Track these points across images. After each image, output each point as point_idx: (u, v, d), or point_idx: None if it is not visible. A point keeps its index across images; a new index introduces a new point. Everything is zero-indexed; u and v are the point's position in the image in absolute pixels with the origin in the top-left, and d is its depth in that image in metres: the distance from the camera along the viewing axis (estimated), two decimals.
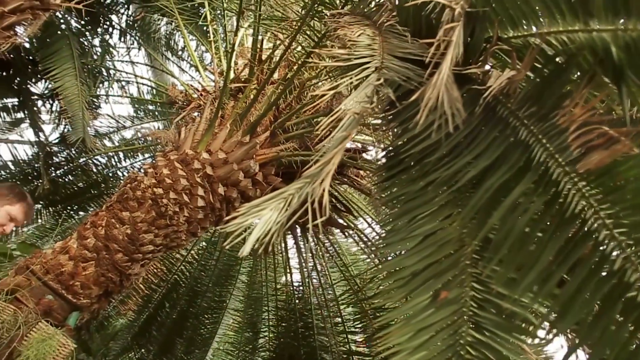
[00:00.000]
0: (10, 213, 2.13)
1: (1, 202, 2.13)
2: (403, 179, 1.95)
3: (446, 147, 1.68)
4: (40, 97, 5.73)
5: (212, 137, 3.91)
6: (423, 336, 1.51)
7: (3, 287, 3.16)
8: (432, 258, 1.68)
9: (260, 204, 1.39)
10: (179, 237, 3.65)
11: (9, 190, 2.17)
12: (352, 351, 5.07)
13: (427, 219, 1.77)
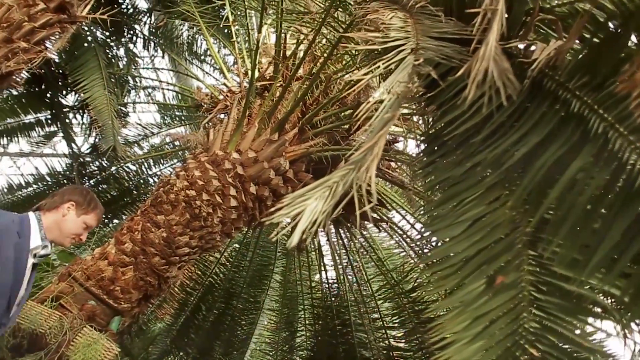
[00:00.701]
0: (86, 222, 2.11)
1: (78, 211, 2.09)
2: (446, 163, 1.88)
3: (491, 126, 1.60)
4: (72, 109, 5.85)
5: (241, 136, 3.90)
6: (480, 324, 1.43)
7: (48, 294, 3.22)
8: (483, 243, 1.60)
9: (304, 194, 1.35)
10: (213, 238, 3.65)
11: (83, 198, 2.12)
12: (391, 346, 4.98)
13: (475, 202, 1.69)
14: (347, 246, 5.08)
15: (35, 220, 1.99)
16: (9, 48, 4.09)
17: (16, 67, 4.14)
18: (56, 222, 2.05)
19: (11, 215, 1.99)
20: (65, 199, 2.11)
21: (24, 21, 4.09)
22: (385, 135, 1.35)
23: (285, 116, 3.94)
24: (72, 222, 2.09)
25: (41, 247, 1.99)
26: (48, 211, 2.07)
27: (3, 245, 1.84)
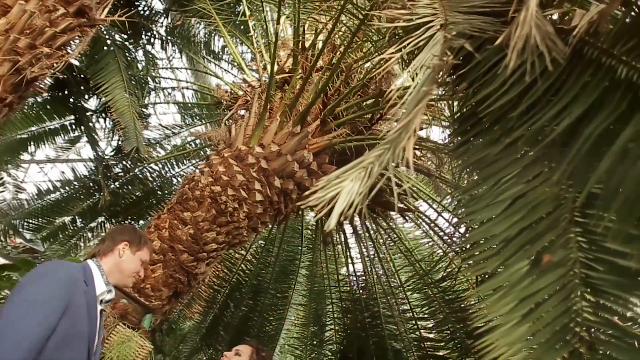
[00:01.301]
0: (142, 258, 2.12)
1: (132, 249, 2.09)
2: (481, 142, 1.81)
3: (529, 100, 1.53)
4: (94, 113, 5.92)
5: (263, 130, 3.87)
6: (526, 306, 1.37)
7: None
8: (526, 221, 1.53)
9: (340, 176, 1.30)
10: (240, 233, 3.65)
11: (133, 235, 2.13)
12: (422, 337, 4.92)
13: (514, 180, 1.63)
14: (373, 238, 5.02)
15: (95, 266, 1.98)
16: (33, 54, 4.15)
17: (40, 73, 4.19)
18: (116, 264, 2.04)
19: (73, 265, 1.96)
20: (118, 240, 2.10)
21: (45, 27, 4.13)
22: (422, 111, 1.29)
23: (307, 108, 3.90)
24: (130, 261, 2.09)
25: (106, 292, 1.98)
26: (104, 256, 2.06)
27: (76, 294, 1.81)
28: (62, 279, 1.79)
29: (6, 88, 4.12)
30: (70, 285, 1.80)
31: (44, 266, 1.99)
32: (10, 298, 1.74)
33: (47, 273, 1.83)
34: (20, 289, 1.76)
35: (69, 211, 6.46)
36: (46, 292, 1.72)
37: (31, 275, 1.84)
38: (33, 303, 1.69)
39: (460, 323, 4.45)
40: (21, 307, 1.68)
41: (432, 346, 4.85)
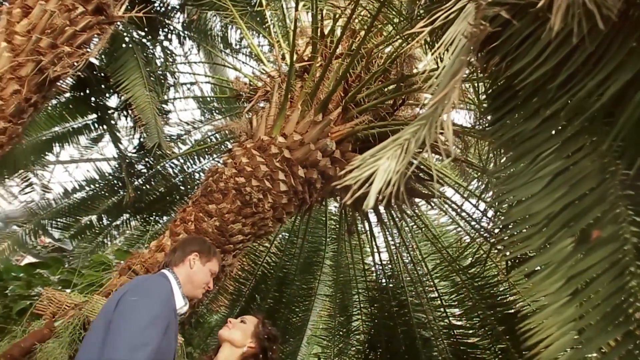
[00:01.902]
0: (211, 269, 2.09)
1: (202, 260, 2.06)
2: (516, 117, 1.74)
3: (569, 69, 1.46)
4: (116, 110, 5.97)
5: (285, 120, 3.84)
6: (576, 284, 1.31)
7: (112, 288, 3.28)
8: (569, 197, 1.46)
9: (376, 154, 1.26)
10: (266, 224, 3.63)
11: (202, 246, 2.11)
12: (452, 325, 4.85)
13: (553, 155, 1.56)
14: (399, 225, 4.96)
15: (173, 278, 1.97)
16: (55, 53, 4.19)
17: (62, 72, 4.23)
18: (187, 276, 2.02)
19: (160, 280, 1.92)
20: (188, 251, 2.07)
21: (65, 25, 4.16)
22: (460, 82, 1.23)
23: (328, 96, 3.85)
24: (201, 272, 2.06)
25: (183, 305, 1.98)
26: (176, 266, 2.03)
27: (172, 314, 1.82)
28: (164, 300, 1.79)
29: (30, 88, 4.18)
30: (170, 306, 1.81)
31: (147, 282, 1.94)
32: (120, 316, 1.70)
33: (153, 290, 1.82)
34: (132, 305, 1.73)
35: (94, 209, 6.56)
36: (157, 310, 1.73)
37: (138, 290, 1.80)
38: (150, 317, 1.70)
39: (490, 309, 4.37)
40: (138, 322, 1.67)
41: (462, 334, 4.78)
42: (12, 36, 4.11)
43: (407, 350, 5.13)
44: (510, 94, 1.70)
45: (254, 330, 2.04)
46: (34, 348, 2.86)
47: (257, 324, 2.07)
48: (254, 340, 2.01)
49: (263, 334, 2.03)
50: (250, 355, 1.99)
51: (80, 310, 3.15)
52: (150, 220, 6.66)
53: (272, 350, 2.03)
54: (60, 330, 2.99)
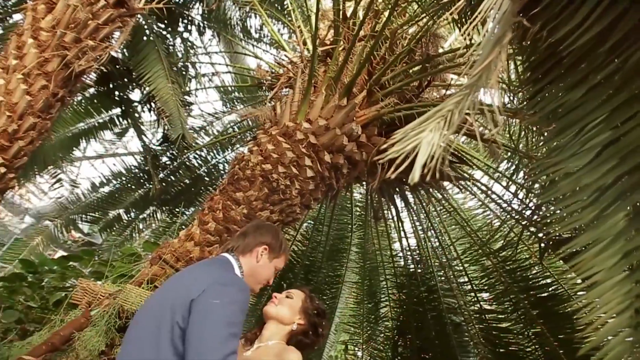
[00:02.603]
0: (277, 266, 1.95)
1: (270, 255, 1.91)
2: (559, 87, 1.66)
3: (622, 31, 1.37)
4: (139, 103, 6.01)
5: (309, 105, 3.79)
6: (635, 258, 1.24)
7: (143, 278, 3.31)
8: (620, 169, 1.39)
9: (417, 126, 1.21)
10: (293, 211, 3.61)
11: (276, 240, 1.95)
12: (484, 310, 4.77)
13: (602, 126, 1.48)
14: (426, 210, 4.88)
15: (237, 266, 1.85)
16: (79, 47, 4.23)
17: (87, 66, 4.27)
18: (251, 269, 1.88)
19: (238, 280, 1.79)
20: (259, 242, 1.93)
21: (88, 19, 4.19)
22: (506, 48, 1.17)
23: (352, 79, 3.79)
24: (266, 268, 1.92)
25: None
26: (242, 254, 1.91)
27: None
28: (245, 301, 1.70)
29: (57, 83, 4.23)
30: (246, 305, 1.72)
31: (229, 279, 1.78)
32: (202, 318, 1.59)
33: (236, 293, 1.69)
34: (212, 307, 1.61)
35: (122, 202, 6.66)
36: (236, 316, 1.62)
37: (219, 293, 1.66)
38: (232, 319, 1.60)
39: (523, 293, 4.28)
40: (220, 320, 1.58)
41: (494, 318, 4.70)
42: (37, 32, 4.15)
43: (438, 336, 5.08)
44: (551, 63, 1.62)
45: (302, 306, 1.92)
46: (73, 336, 2.92)
47: (305, 298, 1.95)
48: (303, 317, 1.90)
49: (312, 309, 1.92)
50: (300, 333, 1.88)
51: (115, 299, 3.20)
52: (177, 212, 6.72)
53: (322, 326, 1.93)
54: (97, 319, 3.04)
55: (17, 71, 4.04)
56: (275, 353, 1.76)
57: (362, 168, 4.08)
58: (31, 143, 4.22)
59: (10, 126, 3.96)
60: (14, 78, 4.02)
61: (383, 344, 5.77)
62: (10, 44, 4.25)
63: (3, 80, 4.02)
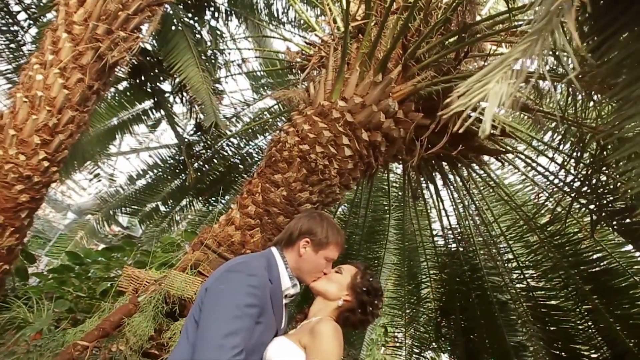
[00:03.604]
0: (327, 256, 1.84)
1: (315, 247, 1.82)
2: (625, 37, 1.53)
3: None
4: (171, 94, 6.05)
5: (344, 83, 3.70)
6: None
7: (187, 264, 3.33)
8: None
9: (482, 78, 1.11)
10: (333, 191, 3.55)
11: (320, 229, 1.84)
12: (531, 287, 4.61)
13: None
14: (467, 186, 4.73)
15: (280, 258, 1.80)
16: (111, 39, 4.25)
17: (119, 57, 4.29)
18: (295, 262, 1.81)
19: (259, 262, 1.75)
20: (301, 234, 1.84)
21: (119, 10, 4.20)
22: None
23: (386, 54, 3.67)
24: (311, 261, 1.82)
25: (291, 286, 1.79)
26: (286, 248, 1.84)
27: (267, 299, 1.66)
28: (256, 284, 1.63)
29: (92, 76, 4.27)
30: (264, 289, 1.65)
31: (237, 265, 1.75)
32: (207, 310, 1.57)
33: (242, 274, 1.66)
34: (218, 295, 1.60)
35: (159, 193, 6.76)
36: (243, 298, 1.57)
37: (226, 277, 1.65)
38: (237, 307, 1.56)
39: (574, 268, 4.11)
40: (225, 311, 1.55)
41: (543, 296, 4.54)
42: (71, 26, 4.19)
43: (483, 316, 4.96)
44: (621, 8, 1.49)
45: (351, 282, 1.82)
46: (122, 322, 2.96)
47: (355, 274, 1.84)
48: (350, 293, 1.80)
49: (361, 286, 1.81)
50: (346, 310, 1.79)
51: (160, 285, 3.23)
52: (212, 201, 6.78)
53: (372, 304, 1.81)
54: (144, 305, 3.07)
55: (54, 66, 4.10)
56: (310, 327, 1.69)
57: (400, 145, 3.97)
58: (71, 136, 4.29)
59: (50, 120, 4.04)
60: (51, 73, 4.08)
61: (425, 326, 5.68)
62: (46, 39, 4.32)
63: (41, 76, 4.09)
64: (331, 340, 1.64)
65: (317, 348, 1.63)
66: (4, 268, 4.21)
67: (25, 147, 4.01)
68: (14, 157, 3.99)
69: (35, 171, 4.06)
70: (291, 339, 1.71)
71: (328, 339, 1.64)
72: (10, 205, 4.07)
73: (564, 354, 4.35)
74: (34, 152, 4.03)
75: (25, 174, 4.00)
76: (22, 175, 4.01)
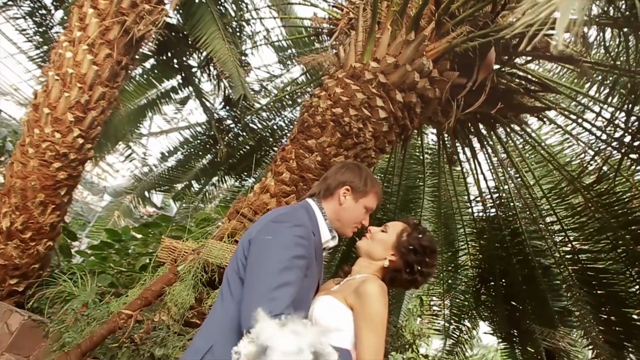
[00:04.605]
0: (367, 205, 1.75)
1: (355, 195, 1.74)
2: None
3: None
4: (198, 68, 6.01)
5: (375, 43, 3.56)
6: None
7: (223, 233, 3.32)
8: None
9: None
10: (368, 155, 3.45)
11: (358, 178, 1.77)
12: (576, 250, 4.43)
13: None
14: (506, 148, 4.54)
15: (318, 209, 1.72)
16: (136, 12, 4.21)
17: (146, 30, 4.25)
18: (335, 212, 1.73)
19: (298, 212, 1.68)
20: (340, 183, 1.77)
21: None
22: None
23: (419, 11, 3.50)
24: (352, 209, 1.75)
25: (330, 238, 1.71)
26: (324, 199, 1.76)
27: (313, 250, 1.58)
28: (303, 236, 1.55)
29: (120, 50, 4.26)
30: (310, 241, 1.57)
31: (281, 216, 1.65)
32: (253, 262, 1.49)
33: (288, 224, 1.57)
34: (265, 245, 1.51)
35: (191, 169, 6.81)
36: (294, 249, 1.49)
37: (272, 227, 1.56)
38: (287, 258, 1.47)
39: (624, 228, 3.90)
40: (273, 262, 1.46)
41: (590, 258, 4.36)
42: (96, 1, 4.17)
43: (525, 281, 4.82)
44: None
45: (396, 241, 1.71)
46: (163, 291, 2.99)
47: (401, 232, 1.73)
48: (396, 252, 1.70)
49: (407, 244, 1.70)
50: (392, 269, 1.70)
51: (198, 254, 3.24)
52: (244, 175, 6.79)
53: (421, 263, 1.70)
54: (184, 274, 3.09)
55: (82, 42, 4.09)
56: (355, 286, 1.62)
57: (435, 106, 3.83)
58: (102, 113, 4.31)
59: (82, 97, 4.06)
60: (80, 49, 4.08)
61: (464, 293, 5.59)
62: (73, 16, 4.32)
63: (71, 53, 4.10)
64: (378, 301, 1.56)
65: (365, 310, 1.56)
66: (48, 244, 4.34)
67: (60, 125, 4.06)
68: (50, 135, 4.05)
69: (71, 148, 4.12)
70: (337, 297, 1.65)
71: (375, 300, 1.56)
72: (49, 183, 4.16)
73: (613, 318, 4.19)
74: (69, 130, 4.08)
75: (61, 151, 4.07)
76: (58, 153, 4.08)
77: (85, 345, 2.70)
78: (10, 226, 4.06)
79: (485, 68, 3.57)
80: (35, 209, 4.07)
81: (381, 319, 1.55)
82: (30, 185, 3.99)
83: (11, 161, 4.15)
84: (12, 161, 4.11)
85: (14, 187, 4.01)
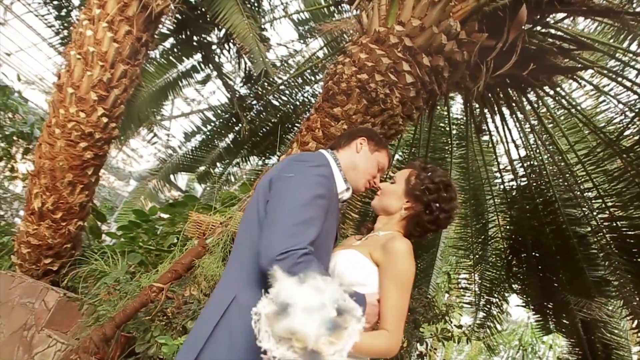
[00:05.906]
0: (380, 161, 1.76)
1: (371, 146, 1.76)
2: None
3: None
4: (218, 45, 5.95)
5: (399, 6, 3.42)
6: None
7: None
8: None
9: None
10: (396, 122, 3.35)
11: (373, 135, 1.81)
12: (614, 217, 4.25)
13: None
14: (538, 112, 4.36)
15: (333, 160, 1.70)
16: None
17: (164, 5, 4.19)
18: (351, 160, 1.74)
19: (319, 156, 1.67)
20: (356, 135, 1.81)
21: None
22: None
23: None
24: (367, 158, 1.76)
25: (345, 190, 1.68)
26: (341, 149, 1.78)
27: (333, 199, 1.55)
28: (325, 177, 1.54)
29: (139, 27, 4.21)
30: (331, 185, 1.56)
31: (303, 156, 1.69)
32: (276, 197, 1.44)
33: (311, 164, 1.56)
34: (287, 182, 1.47)
35: (214, 149, 6.81)
36: (317, 188, 1.47)
37: (295, 166, 1.54)
38: (310, 194, 1.44)
39: None
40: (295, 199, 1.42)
41: (629, 225, 4.18)
42: None
43: (559, 251, 4.68)
44: None
45: (405, 187, 1.65)
46: (193, 264, 2.98)
47: (408, 177, 1.66)
48: (410, 198, 1.63)
49: (418, 186, 1.62)
50: (413, 217, 1.63)
51: (226, 227, 3.22)
52: (268, 153, 6.76)
53: (438, 199, 1.61)
54: (212, 246, 3.08)
55: (102, 20, 4.07)
56: (381, 243, 1.55)
57: (464, 70, 3.67)
58: (125, 91, 4.30)
59: (104, 75, 4.04)
60: (100, 27, 4.05)
61: (495, 265, 5.47)
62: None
63: (91, 31, 4.08)
64: (406, 259, 1.51)
65: (392, 267, 1.50)
66: (78, 224, 4.40)
67: (84, 104, 4.06)
68: (75, 115, 4.06)
69: (96, 127, 4.12)
70: (361, 252, 1.59)
71: (403, 259, 1.50)
72: (77, 163, 4.19)
73: None
74: (93, 109, 4.09)
75: (87, 131, 4.08)
76: (84, 132, 4.09)
77: (119, 318, 2.72)
78: (42, 207, 4.12)
79: (516, 28, 3.40)
80: (64, 189, 4.11)
81: (408, 278, 1.50)
82: (58, 165, 4.03)
83: (39, 142, 4.18)
84: (40, 142, 4.15)
85: (43, 168, 4.05)
